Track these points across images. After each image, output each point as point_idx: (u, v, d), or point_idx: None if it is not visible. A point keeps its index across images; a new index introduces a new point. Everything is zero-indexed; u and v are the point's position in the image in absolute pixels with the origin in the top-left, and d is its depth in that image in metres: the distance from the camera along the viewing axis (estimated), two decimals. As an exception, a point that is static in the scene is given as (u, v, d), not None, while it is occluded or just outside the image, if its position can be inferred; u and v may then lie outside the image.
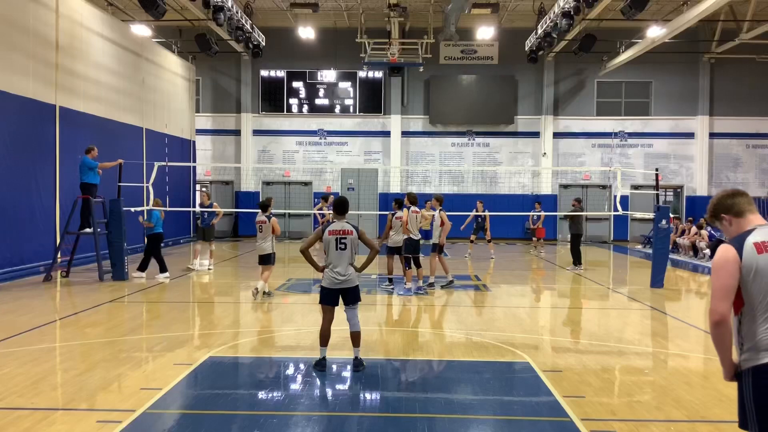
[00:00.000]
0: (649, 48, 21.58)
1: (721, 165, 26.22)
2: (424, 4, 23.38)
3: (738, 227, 3.29)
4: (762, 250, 3.11)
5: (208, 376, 6.71)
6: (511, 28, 25.40)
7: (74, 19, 15.96)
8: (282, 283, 13.59)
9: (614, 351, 8.01)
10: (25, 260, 13.75)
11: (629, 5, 16.42)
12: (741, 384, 3.17)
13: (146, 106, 20.45)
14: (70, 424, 5.13)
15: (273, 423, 5.23)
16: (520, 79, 26.29)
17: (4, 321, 9.24)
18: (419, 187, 25.67)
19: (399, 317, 10.23)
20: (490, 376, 6.79)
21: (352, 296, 6.82)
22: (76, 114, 15.90)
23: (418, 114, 26.52)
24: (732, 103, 25.83)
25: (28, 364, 6.84)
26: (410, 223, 11.99)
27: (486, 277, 15.21)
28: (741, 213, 3.30)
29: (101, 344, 7.93)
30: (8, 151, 13.42)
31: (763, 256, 3.09)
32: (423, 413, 5.51)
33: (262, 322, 9.86)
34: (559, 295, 13.47)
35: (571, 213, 16.51)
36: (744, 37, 22.04)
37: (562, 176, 26.63)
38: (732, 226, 3.33)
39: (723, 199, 3.38)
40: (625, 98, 26.43)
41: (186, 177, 23.78)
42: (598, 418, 5.41)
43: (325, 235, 6.78)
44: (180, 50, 24.05)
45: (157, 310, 10.53)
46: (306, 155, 26.65)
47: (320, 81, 26.37)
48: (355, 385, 6.42)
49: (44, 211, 14.52)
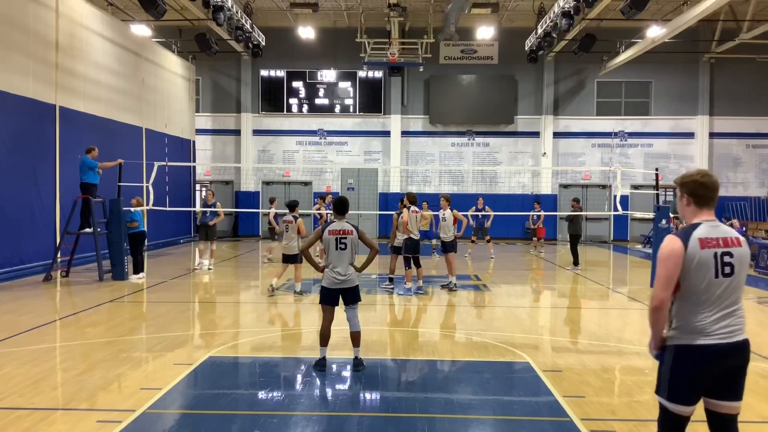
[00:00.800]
0: (649, 48, 21.57)
1: (721, 165, 26.21)
2: (424, 4, 23.38)
3: (692, 215, 3.55)
4: (705, 245, 3.41)
5: (208, 376, 6.71)
6: (511, 28, 25.41)
7: (74, 19, 15.96)
8: (282, 283, 13.60)
9: (614, 351, 8.01)
10: (25, 260, 13.75)
11: (629, 5, 16.41)
12: (663, 356, 3.54)
13: (146, 106, 20.45)
14: (70, 424, 5.13)
15: (273, 423, 5.23)
16: (520, 79, 26.29)
17: (4, 321, 9.24)
18: (419, 187, 25.69)
19: (399, 317, 10.23)
20: (490, 376, 6.78)
21: (352, 296, 6.82)
22: (76, 114, 15.91)
23: (418, 114, 26.52)
24: (732, 103, 25.84)
25: (28, 364, 6.84)
26: (410, 223, 12.00)
27: (486, 277, 15.21)
28: (703, 204, 3.53)
29: (101, 344, 7.92)
30: (8, 151, 13.42)
31: (705, 251, 3.40)
32: (423, 413, 5.51)
33: (262, 322, 9.85)
34: (559, 294, 13.47)
35: (571, 214, 16.51)
36: (744, 37, 22.04)
37: (562, 176, 26.64)
38: (688, 207, 3.59)
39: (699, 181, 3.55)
40: (625, 98, 26.43)
41: (186, 177, 23.78)
42: (598, 418, 5.41)
43: (325, 234, 6.78)
44: (180, 50, 24.05)
45: (157, 310, 10.53)
46: (306, 155, 26.66)
47: (320, 81, 26.37)
48: (355, 385, 6.42)
49: (44, 211, 14.52)
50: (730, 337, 3.40)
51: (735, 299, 3.44)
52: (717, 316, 3.41)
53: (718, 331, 3.39)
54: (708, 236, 3.43)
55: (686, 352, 3.44)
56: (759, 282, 14.62)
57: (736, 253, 3.43)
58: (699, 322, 3.42)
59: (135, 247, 13.84)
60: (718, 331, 3.39)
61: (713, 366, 3.41)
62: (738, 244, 3.45)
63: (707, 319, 3.41)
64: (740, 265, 3.44)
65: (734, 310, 3.43)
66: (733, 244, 3.44)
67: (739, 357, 3.45)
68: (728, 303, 3.42)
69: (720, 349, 3.38)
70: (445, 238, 12.66)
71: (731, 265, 3.41)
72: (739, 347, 3.43)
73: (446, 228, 12.65)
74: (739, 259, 3.44)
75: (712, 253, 3.41)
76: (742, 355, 3.46)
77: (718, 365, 3.41)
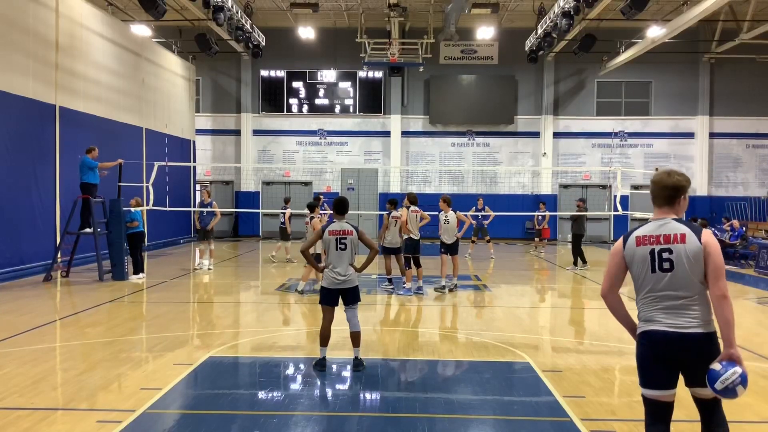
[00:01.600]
0: (649, 48, 21.57)
1: (721, 165, 26.23)
2: (424, 4, 23.37)
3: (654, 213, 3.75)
4: (640, 243, 3.65)
5: (208, 376, 6.71)
6: (511, 28, 25.41)
7: (74, 19, 15.96)
8: (282, 283, 13.60)
9: (614, 351, 8.01)
10: (25, 260, 13.75)
11: (629, 5, 16.41)
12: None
13: (146, 106, 20.45)
14: (70, 424, 5.13)
15: (273, 423, 5.23)
16: (520, 79, 26.29)
17: (4, 321, 9.24)
18: (419, 187, 25.69)
19: (399, 317, 10.23)
20: (490, 376, 6.78)
21: (352, 296, 6.82)
22: (76, 114, 15.91)
23: (418, 114, 26.52)
24: (732, 103, 25.83)
25: (28, 364, 6.84)
26: (410, 223, 11.98)
27: (486, 277, 15.21)
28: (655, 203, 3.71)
29: (101, 344, 7.93)
30: (8, 151, 13.42)
31: (641, 248, 3.64)
32: (423, 413, 5.51)
33: (262, 322, 9.85)
34: (559, 294, 13.47)
35: (577, 213, 16.50)
36: (744, 37, 22.04)
37: (562, 176, 26.64)
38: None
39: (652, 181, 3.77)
40: (625, 98, 26.43)
41: (186, 177, 23.78)
42: (598, 418, 5.41)
43: (325, 235, 6.78)
44: (180, 50, 24.04)
45: (157, 310, 10.53)
46: (306, 155, 26.65)
47: (320, 81, 26.37)
48: (355, 385, 6.41)
49: (44, 211, 14.52)
50: (678, 328, 3.54)
51: (683, 293, 3.55)
52: (662, 306, 3.61)
53: (664, 320, 3.59)
54: (646, 234, 3.64)
55: (642, 338, 3.73)
56: (759, 282, 14.62)
57: (676, 249, 3.54)
58: (647, 312, 3.68)
59: (134, 247, 13.84)
60: (664, 320, 3.59)
61: (666, 351, 3.58)
62: (681, 241, 3.54)
63: (653, 309, 3.64)
64: (680, 260, 3.53)
65: (683, 303, 3.55)
66: (675, 241, 3.55)
67: (693, 348, 3.53)
68: (675, 296, 3.57)
69: (668, 336, 3.56)
70: (447, 240, 12.37)
71: (670, 260, 3.55)
72: (690, 338, 3.52)
73: (450, 230, 12.30)
74: (679, 255, 3.53)
75: (648, 250, 3.61)
76: (695, 345, 3.52)
77: (671, 352, 3.57)
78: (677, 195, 3.64)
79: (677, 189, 3.63)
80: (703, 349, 3.53)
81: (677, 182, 3.64)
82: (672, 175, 3.66)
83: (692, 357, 3.55)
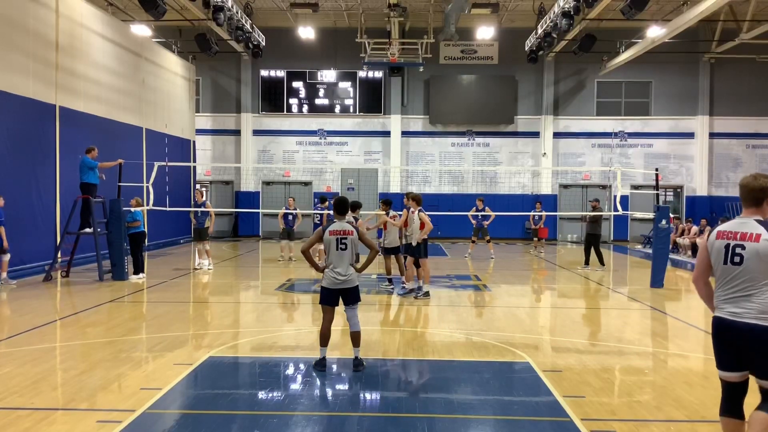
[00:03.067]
0: (649, 48, 21.58)
1: (721, 165, 26.23)
2: (424, 4, 23.38)
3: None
4: (720, 237, 4.03)
5: (208, 376, 6.71)
6: (511, 28, 25.41)
7: (74, 19, 15.96)
8: (282, 283, 13.60)
9: (614, 351, 8.01)
10: (25, 260, 13.75)
11: (629, 5, 16.41)
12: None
13: (146, 106, 20.45)
14: (70, 424, 5.13)
15: (273, 423, 5.23)
16: (520, 79, 26.29)
17: (4, 321, 9.24)
18: (419, 187, 25.69)
19: (399, 317, 10.23)
20: (490, 376, 6.79)
21: (352, 296, 6.82)
22: (76, 114, 15.91)
23: (418, 114, 26.52)
24: (732, 103, 25.84)
25: (28, 364, 6.84)
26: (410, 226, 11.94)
27: (486, 277, 15.21)
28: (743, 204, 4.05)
29: (101, 344, 7.93)
30: (8, 151, 13.42)
31: (719, 242, 4.03)
32: (423, 413, 5.51)
33: (262, 322, 9.85)
34: (559, 295, 13.47)
35: (596, 214, 16.45)
36: (744, 37, 22.04)
37: (562, 176, 26.64)
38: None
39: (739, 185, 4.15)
40: (625, 98, 26.43)
41: (186, 177, 23.77)
42: (598, 418, 5.41)
43: (326, 235, 6.77)
44: (180, 50, 24.05)
45: (157, 310, 10.52)
46: (306, 155, 26.66)
47: (320, 81, 26.37)
48: (355, 385, 6.41)
49: (44, 211, 14.52)
50: (734, 316, 3.90)
51: (748, 286, 3.86)
52: (727, 296, 3.97)
53: (726, 308, 3.97)
54: (726, 229, 4.02)
55: (712, 323, 4.12)
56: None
57: (749, 246, 3.86)
58: (717, 300, 4.07)
59: (135, 247, 13.84)
60: (726, 308, 3.97)
61: (726, 337, 3.96)
62: (755, 240, 3.85)
63: (721, 297, 4.02)
64: (750, 257, 3.85)
65: (745, 296, 3.87)
66: (750, 239, 3.87)
67: (747, 336, 3.84)
68: (740, 288, 3.90)
69: (727, 323, 3.94)
70: (409, 240, 11.57)
71: (741, 255, 3.89)
72: (747, 329, 3.84)
73: (415, 231, 11.41)
74: (750, 252, 3.85)
75: (724, 244, 3.98)
76: (749, 335, 3.83)
77: (729, 338, 3.95)
78: (764, 197, 3.93)
79: (764, 191, 3.92)
80: (759, 340, 3.81)
81: (763, 185, 3.93)
82: (758, 179, 3.97)
83: (746, 344, 3.86)
